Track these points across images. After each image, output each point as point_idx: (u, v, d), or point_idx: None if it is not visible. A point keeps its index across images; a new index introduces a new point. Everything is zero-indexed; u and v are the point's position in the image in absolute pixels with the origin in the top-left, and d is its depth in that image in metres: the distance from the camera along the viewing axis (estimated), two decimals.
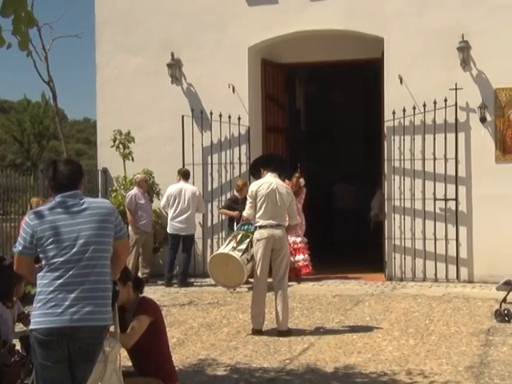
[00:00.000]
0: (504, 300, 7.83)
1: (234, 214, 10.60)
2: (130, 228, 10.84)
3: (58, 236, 3.80)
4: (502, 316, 7.75)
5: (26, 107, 35.49)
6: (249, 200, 7.52)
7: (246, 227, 8.24)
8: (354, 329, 7.58)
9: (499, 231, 10.41)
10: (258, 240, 7.43)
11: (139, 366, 4.84)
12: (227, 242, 10.10)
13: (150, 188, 11.50)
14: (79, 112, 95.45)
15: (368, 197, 13.34)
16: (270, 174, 7.55)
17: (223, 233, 11.42)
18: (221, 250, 9.72)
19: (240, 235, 9.33)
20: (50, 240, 3.80)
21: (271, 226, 7.36)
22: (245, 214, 7.59)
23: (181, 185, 10.95)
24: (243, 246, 9.14)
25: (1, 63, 58.30)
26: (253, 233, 7.72)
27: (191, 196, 10.86)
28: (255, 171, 7.92)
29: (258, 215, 7.40)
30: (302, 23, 11.34)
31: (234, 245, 9.10)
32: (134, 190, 11.03)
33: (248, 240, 7.75)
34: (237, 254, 7.96)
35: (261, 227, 7.41)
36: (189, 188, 10.96)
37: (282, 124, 13.07)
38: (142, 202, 10.97)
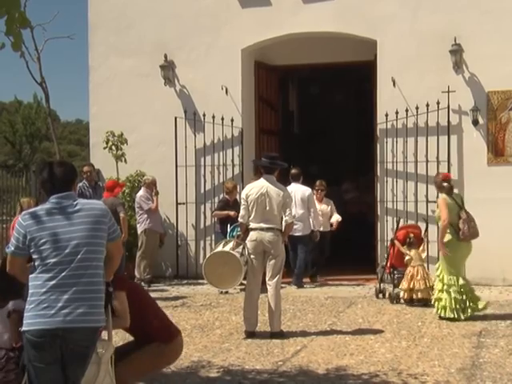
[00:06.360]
0: (381, 279, 9.68)
1: (232, 213, 10.30)
2: (139, 230, 10.91)
3: (50, 237, 3.80)
4: (382, 292, 9.46)
5: (18, 108, 35.38)
6: (242, 202, 7.56)
7: (238, 229, 8.26)
8: (346, 331, 7.59)
9: (491, 233, 10.40)
10: (249, 242, 7.45)
11: (139, 337, 4.80)
12: (221, 245, 10.10)
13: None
14: (71, 113, 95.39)
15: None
16: (264, 175, 7.55)
17: (214, 235, 11.40)
18: (220, 249, 9.72)
19: (232, 242, 9.33)
20: (43, 241, 3.79)
21: (261, 229, 7.35)
22: (240, 217, 7.59)
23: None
24: (239, 250, 9.16)
25: None
26: (238, 237, 7.76)
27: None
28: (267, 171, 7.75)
29: (250, 218, 7.43)
30: (295, 25, 11.36)
31: (232, 246, 9.09)
32: (143, 192, 11.01)
33: (242, 246, 7.78)
34: (236, 253, 8.02)
35: (252, 230, 7.42)
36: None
37: (275, 126, 13.08)
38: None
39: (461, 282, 8.10)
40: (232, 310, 8.88)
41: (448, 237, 8.10)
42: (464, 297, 8.06)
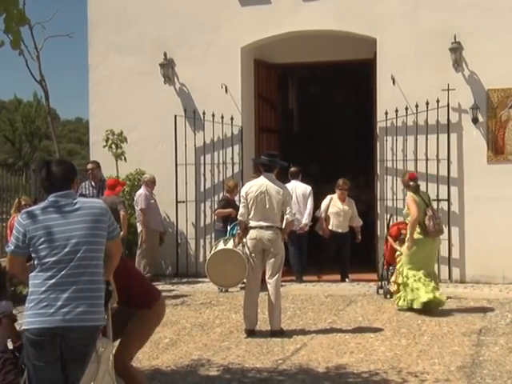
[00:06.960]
0: (382, 276, 9.81)
1: (234, 212, 10.29)
2: (139, 228, 10.89)
3: (50, 236, 3.79)
4: (382, 288, 9.57)
5: (18, 107, 35.35)
6: (242, 200, 7.56)
7: (237, 228, 8.24)
8: (346, 329, 7.59)
9: (491, 231, 10.44)
10: (248, 240, 7.44)
11: (127, 305, 4.78)
12: (221, 243, 10.08)
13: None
14: (71, 112, 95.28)
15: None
16: (263, 173, 7.55)
17: (214, 234, 11.38)
18: (222, 247, 9.71)
19: (231, 240, 9.33)
20: (42, 240, 3.79)
21: (261, 228, 7.36)
22: (239, 215, 7.59)
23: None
24: (240, 248, 9.15)
25: None
26: (237, 235, 7.80)
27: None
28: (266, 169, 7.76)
29: (249, 216, 7.43)
30: (295, 23, 11.35)
31: (233, 245, 9.07)
32: (143, 190, 10.99)
33: (241, 244, 7.78)
34: (240, 251, 8.01)
35: (251, 228, 7.42)
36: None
37: (275, 124, 13.07)
38: (152, 201, 11.02)
39: (420, 273, 8.39)
40: (232, 308, 8.89)
41: (415, 234, 8.41)
42: (422, 280, 8.33)
